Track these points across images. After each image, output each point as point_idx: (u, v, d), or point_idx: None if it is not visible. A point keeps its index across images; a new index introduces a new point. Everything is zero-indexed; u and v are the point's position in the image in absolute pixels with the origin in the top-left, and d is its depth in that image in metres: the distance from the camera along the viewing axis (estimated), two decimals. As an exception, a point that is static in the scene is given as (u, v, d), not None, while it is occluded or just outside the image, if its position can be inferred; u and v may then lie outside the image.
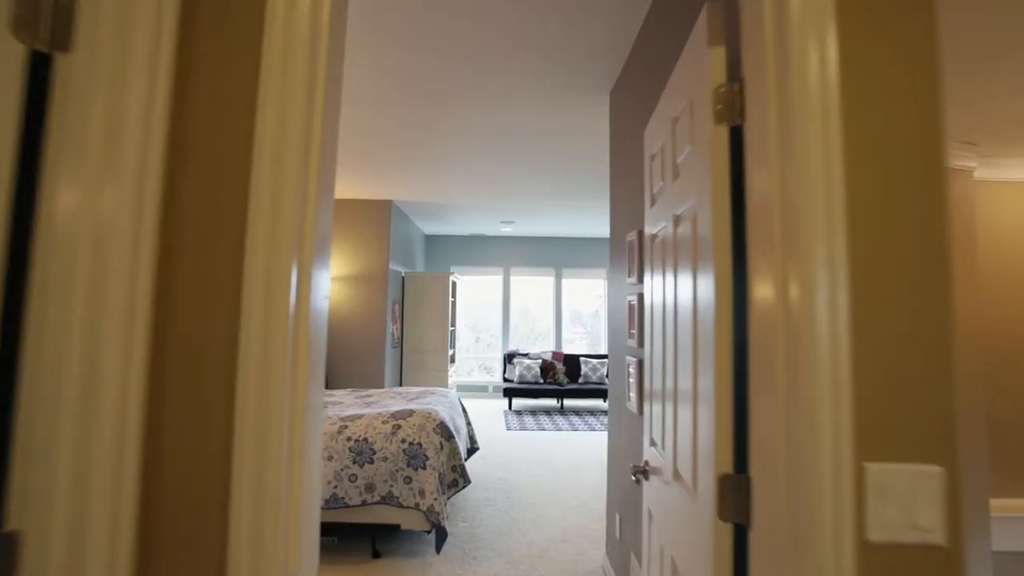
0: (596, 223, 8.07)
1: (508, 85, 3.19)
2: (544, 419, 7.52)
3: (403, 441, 3.23)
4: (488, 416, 7.72)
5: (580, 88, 3.22)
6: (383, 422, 3.34)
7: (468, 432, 4.62)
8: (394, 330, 6.87)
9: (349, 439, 3.22)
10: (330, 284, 6.30)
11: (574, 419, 7.56)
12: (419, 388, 4.62)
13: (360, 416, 3.44)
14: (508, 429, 6.83)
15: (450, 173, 5.35)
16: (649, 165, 1.85)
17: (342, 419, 3.39)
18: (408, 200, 6.69)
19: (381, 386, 6.39)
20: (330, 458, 3.15)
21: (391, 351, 6.73)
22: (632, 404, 2.40)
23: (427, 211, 7.41)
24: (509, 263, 9.61)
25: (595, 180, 5.51)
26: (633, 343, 2.42)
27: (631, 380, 2.42)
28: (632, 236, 2.50)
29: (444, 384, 7.34)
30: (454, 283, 8.40)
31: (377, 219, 6.54)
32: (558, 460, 5.41)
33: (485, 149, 4.62)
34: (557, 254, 9.62)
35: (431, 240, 9.62)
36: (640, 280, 2.31)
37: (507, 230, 8.89)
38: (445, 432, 3.39)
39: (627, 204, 2.77)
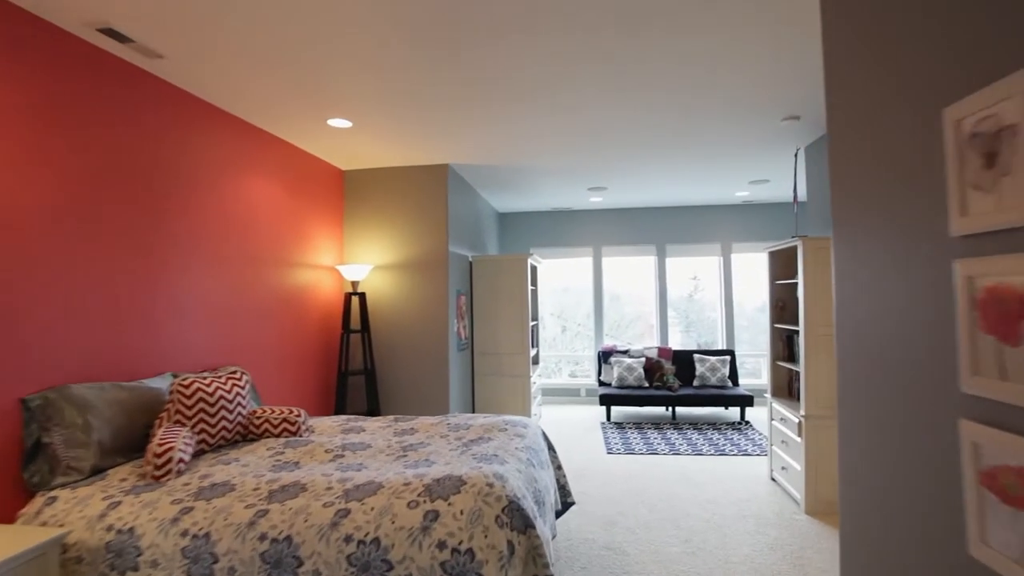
0: (713, 182, 6.27)
1: None
2: (654, 435, 5.91)
3: (441, 547, 1.81)
4: (581, 431, 6.22)
5: None
6: (410, 504, 1.95)
7: (558, 484, 3.16)
8: (460, 329, 5.53)
9: (349, 538, 1.86)
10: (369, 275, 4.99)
11: (692, 435, 5.89)
12: (484, 419, 3.20)
13: (376, 486, 2.07)
14: (609, 452, 5.30)
15: (524, 121, 3.90)
16: None
17: (347, 490, 2.04)
18: (471, 163, 5.28)
19: (445, 404, 5.08)
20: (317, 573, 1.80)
21: (457, 355, 5.41)
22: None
23: (497, 180, 5.99)
24: (600, 241, 7.99)
25: (743, 98, 3.80)
26: None
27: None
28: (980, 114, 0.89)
29: (526, 397, 5.92)
30: (534, 267, 6.93)
31: (432, 188, 5.20)
32: (692, 508, 3.82)
33: (576, 80, 3.11)
34: (659, 227, 7.87)
35: (505, 219, 8.21)
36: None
37: (596, 200, 7.28)
38: (519, 520, 1.94)
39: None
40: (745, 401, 6.33)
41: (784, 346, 4.38)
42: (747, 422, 6.36)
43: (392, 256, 5.21)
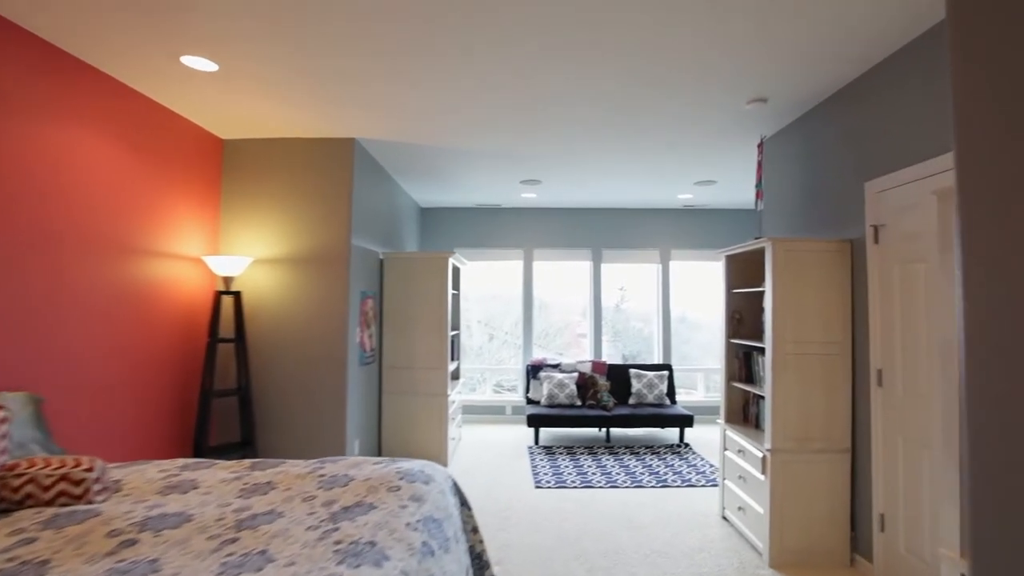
0: (657, 180, 5.71)
1: None
2: (587, 461, 5.22)
3: None
4: (506, 457, 5.43)
5: None
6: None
7: (473, 554, 2.33)
8: (365, 338, 4.59)
9: None
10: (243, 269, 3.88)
11: (629, 460, 5.24)
12: (373, 467, 2.32)
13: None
14: (538, 485, 4.53)
15: (445, 88, 3.08)
16: None
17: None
18: (384, 140, 4.38)
19: (341, 431, 4.12)
20: None
21: (359, 371, 4.46)
22: None
23: (416, 166, 5.11)
24: (532, 242, 7.28)
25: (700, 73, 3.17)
26: None
27: None
28: None
29: (443, 419, 5.05)
30: (457, 268, 6.10)
31: (333, 167, 4.25)
32: (639, 568, 3.10)
33: (502, 42, 2.34)
34: (596, 230, 7.26)
35: (428, 215, 7.32)
36: None
37: (529, 196, 6.56)
38: None
39: None
40: (685, 421, 5.79)
41: (741, 365, 3.81)
42: (687, 444, 5.82)
43: (279, 248, 4.20)
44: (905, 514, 2.74)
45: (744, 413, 3.88)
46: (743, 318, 3.93)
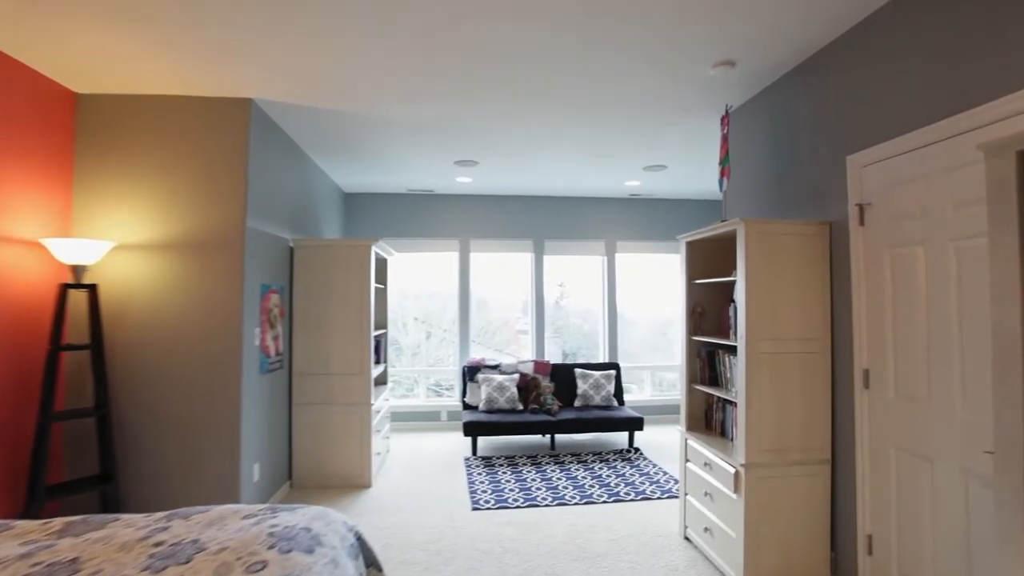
0: (604, 164, 5.24)
1: None
2: (531, 473, 4.68)
3: None
4: (440, 471, 4.80)
5: None
6: None
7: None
8: (268, 340, 3.84)
9: None
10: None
11: (576, 470, 4.76)
12: (237, 529, 1.66)
13: None
14: (476, 507, 3.94)
15: (359, 36, 2.43)
16: None
17: None
18: (288, 102, 3.65)
19: (234, 456, 3.36)
20: None
21: (260, 380, 3.71)
22: None
23: (334, 140, 4.38)
24: (469, 232, 6.67)
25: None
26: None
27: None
28: None
29: (364, 433, 4.36)
30: (383, 259, 5.43)
31: (224, 133, 3.48)
32: (588, 612, 2.58)
33: None
34: (537, 219, 6.74)
35: (353, 202, 6.56)
36: None
37: (465, 181, 5.95)
38: None
39: None
40: (635, 424, 5.37)
41: (704, 365, 3.37)
42: (637, 449, 5.41)
43: (151, 230, 3.39)
44: (900, 538, 2.36)
45: (707, 420, 3.45)
46: (705, 312, 3.50)
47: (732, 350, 3.18)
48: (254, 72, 3.15)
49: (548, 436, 5.79)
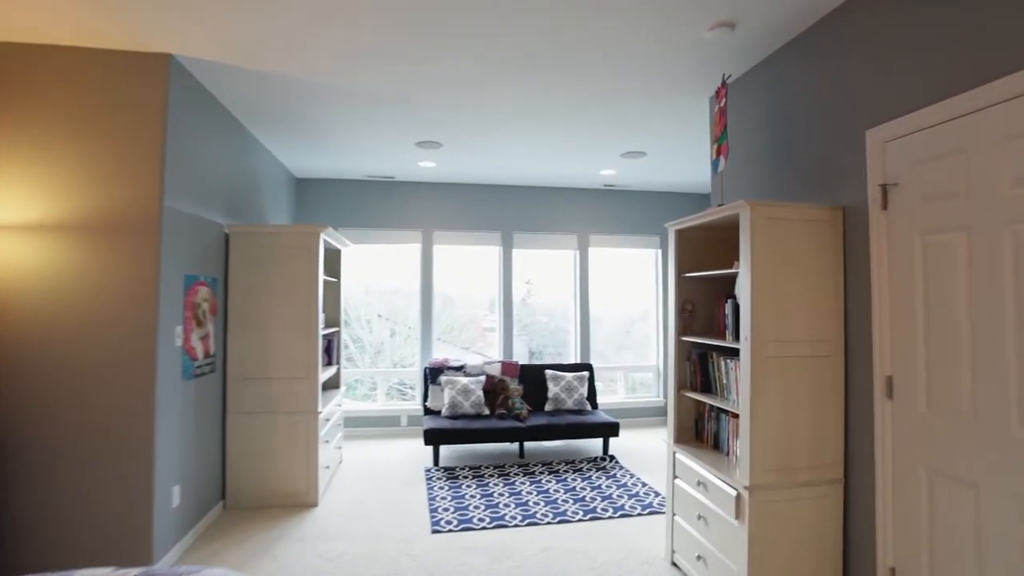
0: (579, 149, 4.84)
1: None
2: (498, 487, 4.25)
3: None
4: (397, 485, 4.32)
5: None
6: None
7: None
8: (194, 341, 3.28)
9: None
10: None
11: (547, 482, 4.35)
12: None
13: None
14: (436, 529, 3.49)
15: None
16: None
17: None
18: (219, 62, 3.10)
19: (144, 477, 2.81)
20: None
21: (184, 387, 3.16)
22: None
23: (278, 113, 3.84)
24: (432, 223, 6.18)
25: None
26: None
27: None
28: None
29: (310, 445, 3.85)
30: (334, 249, 4.92)
31: (133, 94, 2.91)
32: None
33: None
34: (506, 210, 6.31)
35: (306, 188, 5.99)
36: None
37: (427, 166, 5.46)
38: None
39: None
40: (610, 430, 5.00)
41: (696, 370, 3.00)
42: (611, 457, 5.03)
43: (40, 207, 2.80)
44: (933, 575, 2.02)
45: (698, 431, 3.08)
46: (695, 310, 3.13)
47: (728, 352, 2.82)
48: (173, 21, 2.61)
49: (515, 442, 5.36)
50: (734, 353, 2.81)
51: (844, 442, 2.44)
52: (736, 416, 2.69)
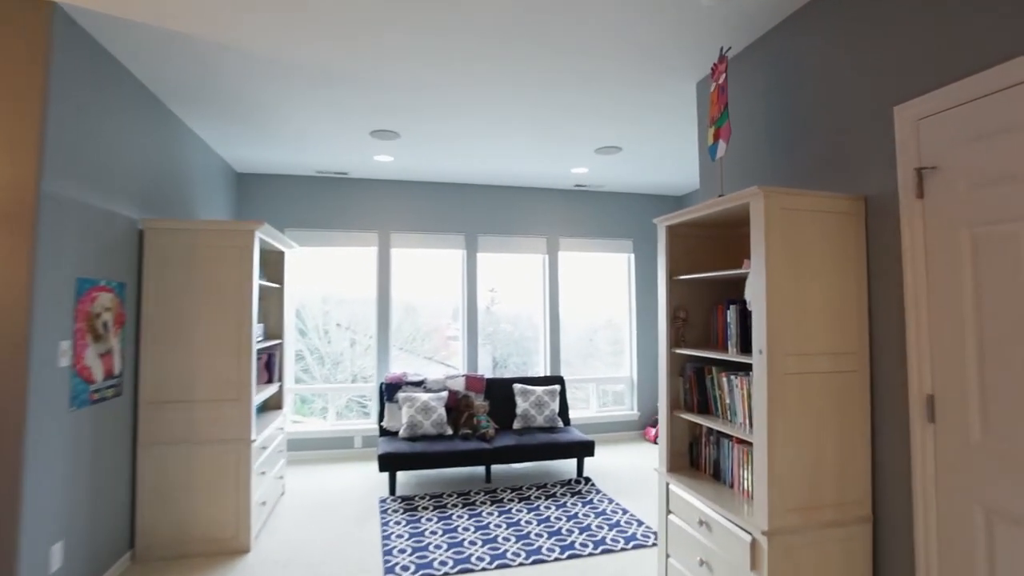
0: (551, 143, 4.44)
1: None
2: (462, 519, 3.76)
3: None
4: (347, 519, 3.77)
5: None
6: None
7: None
8: (91, 359, 2.68)
9: None
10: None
11: (518, 511, 3.89)
12: None
13: None
14: (388, 573, 2.97)
15: None
16: None
17: None
18: (124, 17, 2.55)
19: (9, 534, 2.21)
20: None
21: (73, 418, 2.56)
22: None
23: (201, 84, 3.29)
24: (389, 224, 5.67)
25: None
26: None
27: None
28: None
29: (241, 480, 3.28)
30: (277, 251, 4.37)
31: (5, 47, 2.34)
32: None
33: None
34: (470, 211, 5.85)
35: (248, 184, 5.39)
36: None
37: (384, 160, 4.96)
38: None
39: None
40: (585, 449, 4.58)
41: (692, 386, 2.60)
42: (587, 479, 4.61)
43: None
44: (997, 639, 1.65)
45: (694, 458, 2.68)
46: (688, 318, 2.74)
47: (731, 367, 2.44)
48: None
49: (480, 464, 4.86)
50: (738, 368, 2.43)
51: (872, 473, 2.08)
52: (742, 442, 2.30)
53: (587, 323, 6.37)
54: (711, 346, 2.63)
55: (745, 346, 2.30)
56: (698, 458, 2.64)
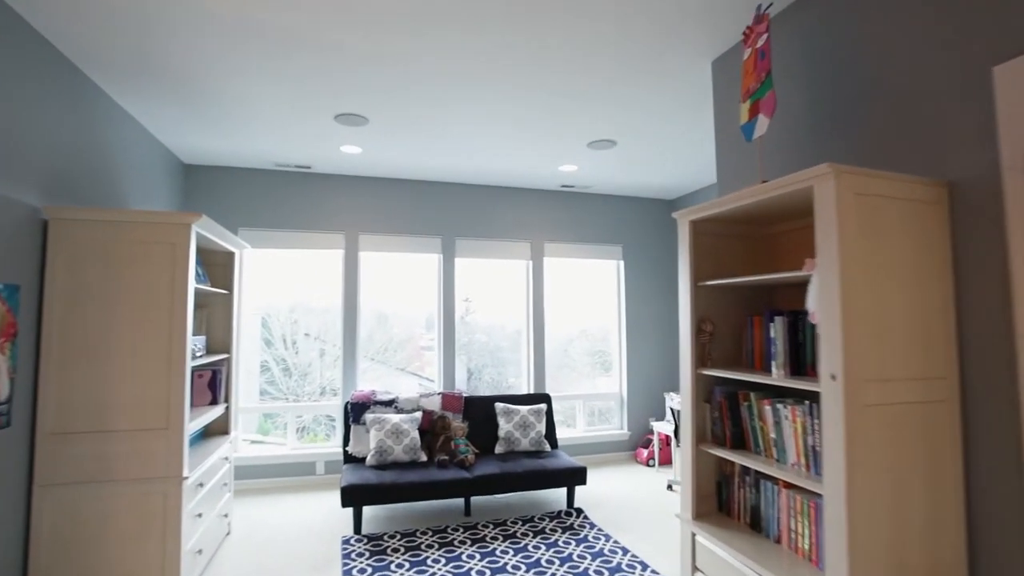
0: (539, 136, 3.97)
1: None
2: (439, 563, 3.22)
3: None
4: (303, 570, 3.19)
5: None
6: None
7: None
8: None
9: None
10: None
11: (503, 553, 3.37)
12: None
13: None
14: (349, 647, 2.42)
15: None
16: None
17: None
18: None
19: None
20: None
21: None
22: None
23: (124, 46, 2.73)
24: (357, 224, 5.12)
25: None
26: None
27: None
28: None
29: (170, 528, 2.69)
30: (226, 252, 3.80)
31: None
32: None
33: None
34: (448, 212, 5.35)
35: (197, 177, 4.78)
36: None
37: (352, 153, 4.43)
38: None
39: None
40: (576, 477, 4.09)
41: (723, 415, 2.14)
42: (579, 510, 4.12)
43: None
44: None
45: (723, 501, 2.21)
46: (715, 331, 2.29)
47: (773, 392, 1.99)
48: None
49: (458, 495, 4.33)
50: (784, 394, 1.98)
51: (966, 529, 1.64)
52: (792, 487, 1.85)
53: (574, 334, 5.90)
54: (744, 366, 2.18)
55: (796, 368, 1.86)
56: (729, 502, 2.18)
